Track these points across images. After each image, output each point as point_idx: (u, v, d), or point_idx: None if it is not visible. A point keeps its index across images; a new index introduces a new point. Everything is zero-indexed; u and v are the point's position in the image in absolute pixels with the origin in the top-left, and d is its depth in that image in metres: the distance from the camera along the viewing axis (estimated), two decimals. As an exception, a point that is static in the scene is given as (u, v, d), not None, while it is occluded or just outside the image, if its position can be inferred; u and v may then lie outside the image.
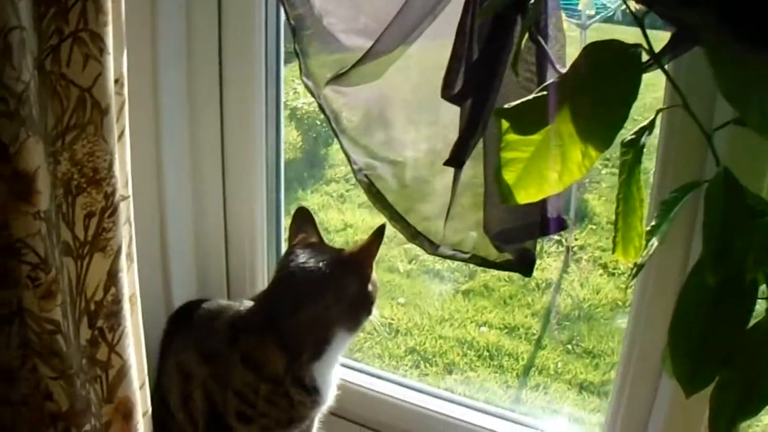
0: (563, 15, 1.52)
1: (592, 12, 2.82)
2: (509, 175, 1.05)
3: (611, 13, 2.85)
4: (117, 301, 1.46)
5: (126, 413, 1.54)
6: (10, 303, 1.46)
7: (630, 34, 1.10)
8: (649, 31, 1.09)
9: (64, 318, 1.38)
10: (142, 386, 1.62)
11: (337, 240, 3.74)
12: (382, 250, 1.73)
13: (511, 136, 1.05)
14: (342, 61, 1.64)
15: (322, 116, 1.70)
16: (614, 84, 1.03)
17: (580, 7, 2.68)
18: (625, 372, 1.72)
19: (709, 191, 1.02)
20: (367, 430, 2.13)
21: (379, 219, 1.69)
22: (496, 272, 3.49)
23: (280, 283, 1.79)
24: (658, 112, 1.14)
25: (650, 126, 1.12)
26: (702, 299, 1.06)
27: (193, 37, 1.99)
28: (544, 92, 1.06)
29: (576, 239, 3.58)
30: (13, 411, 1.56)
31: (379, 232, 1.69)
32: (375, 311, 1.77)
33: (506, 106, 1.08)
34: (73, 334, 1.43)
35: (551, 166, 1.04)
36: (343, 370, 1.92)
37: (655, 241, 1.15)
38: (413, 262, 3.71)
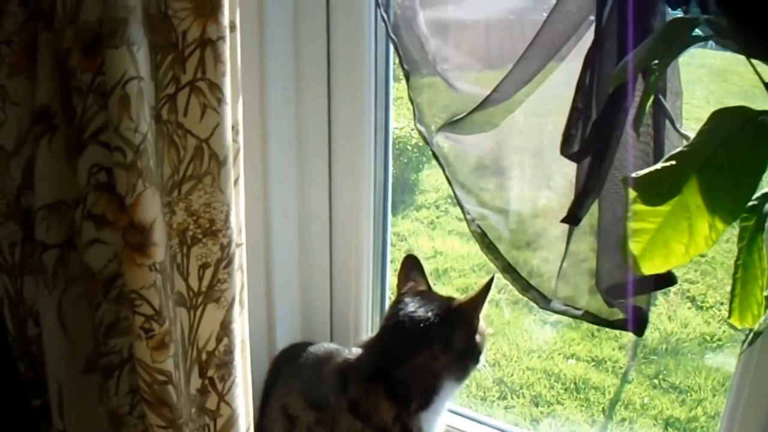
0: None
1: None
2: (636, 246, 1.04)
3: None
4: (229, 351, 1.48)
5: (232, 461, 1.56)
6: (121, 351, 1.49)
7: (721, 59, 1.08)
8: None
9: (176, 369, 1.40)
10: (247, 430, 1.64)
11: (426, 267, 3.76)
12: (473, 279, 1.74)
13: (640, 207, 1.03)
14: (455, 108, 1.64)
15: (413, 141, 1.71)
16: (743, 154, 1.01)
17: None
18: (731, 424, 1.70)
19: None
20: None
21: (469, 247, 1.70)
22: (584, 304, 3.48)
23: (389, 331, 1.79)
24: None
25: (775, 192, 1.10)
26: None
27: (302, 76, 1.99)
28: (673, 161, 1.04)
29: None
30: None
31: (488, 284, 1.69)
32: (482, 360, 1.77)
33: (634, 174, 1.06)
34: (184, 384, 1.45)
35: (678, 238, 1.02)
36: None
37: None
38: (502, 291, 3.69)
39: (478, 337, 1.74)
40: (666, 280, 1.47)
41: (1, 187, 1.49)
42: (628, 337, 3.45)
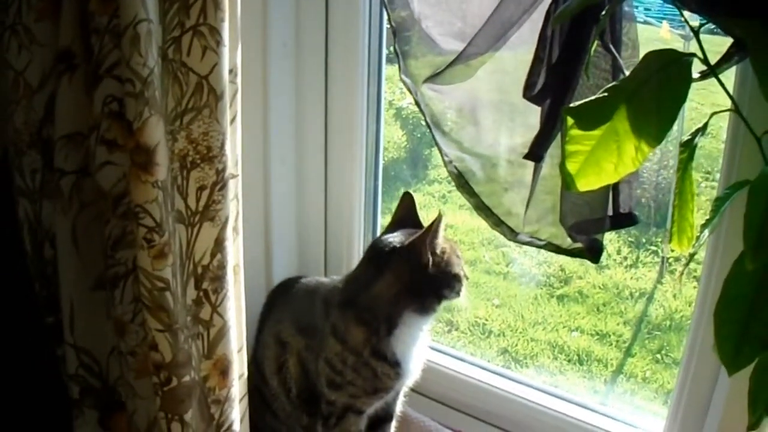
0: (667, 25, 1.61)
1: (696, 24, 2.82)
2: (572, 166, 1.16)
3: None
4: (222, 266, 1.58)
5: (223, 370, 1.66)
6: (126, 262, 1.62)
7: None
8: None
9: (173, 278, 1.51)
10: (240, 350, 1.73)
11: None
12: (480, 252, 1.77)
13: (575, 131, 1.15)
14: (438, 61, 1.74)
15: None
16: (666, 88, 1.14)
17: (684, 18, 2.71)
18: (688, 365, 1.78)
19: (752, 187, 1.12)
20: (449, 409, 2.24)
21: (478, 221, 1.75)
22: (591, 279, 3.49)
23: (360, 262, 1.93)
24: (711, 115, 1.23)
25: (704, 128, 1.22)
26: (744, 285, 1.15)
27: (301, 34, 2.11)
28: (606, 93, 1.17)
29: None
30: (121, 360, 1.72)
31: (434, 222, 1.78)
32: (459, 299, 1.84)
33: (572, 104, 1.18)
34: (181, 293, 1.56)
35: (608, 159, 1.15)
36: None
37: (706, 233, 1.23)
38: (510, 265, 3.71)
39: (434, 272, 1.80)
40: (626, 219, 1.58)
41: (25, 119, 1.63)
42: (634, 312, 3.48)
